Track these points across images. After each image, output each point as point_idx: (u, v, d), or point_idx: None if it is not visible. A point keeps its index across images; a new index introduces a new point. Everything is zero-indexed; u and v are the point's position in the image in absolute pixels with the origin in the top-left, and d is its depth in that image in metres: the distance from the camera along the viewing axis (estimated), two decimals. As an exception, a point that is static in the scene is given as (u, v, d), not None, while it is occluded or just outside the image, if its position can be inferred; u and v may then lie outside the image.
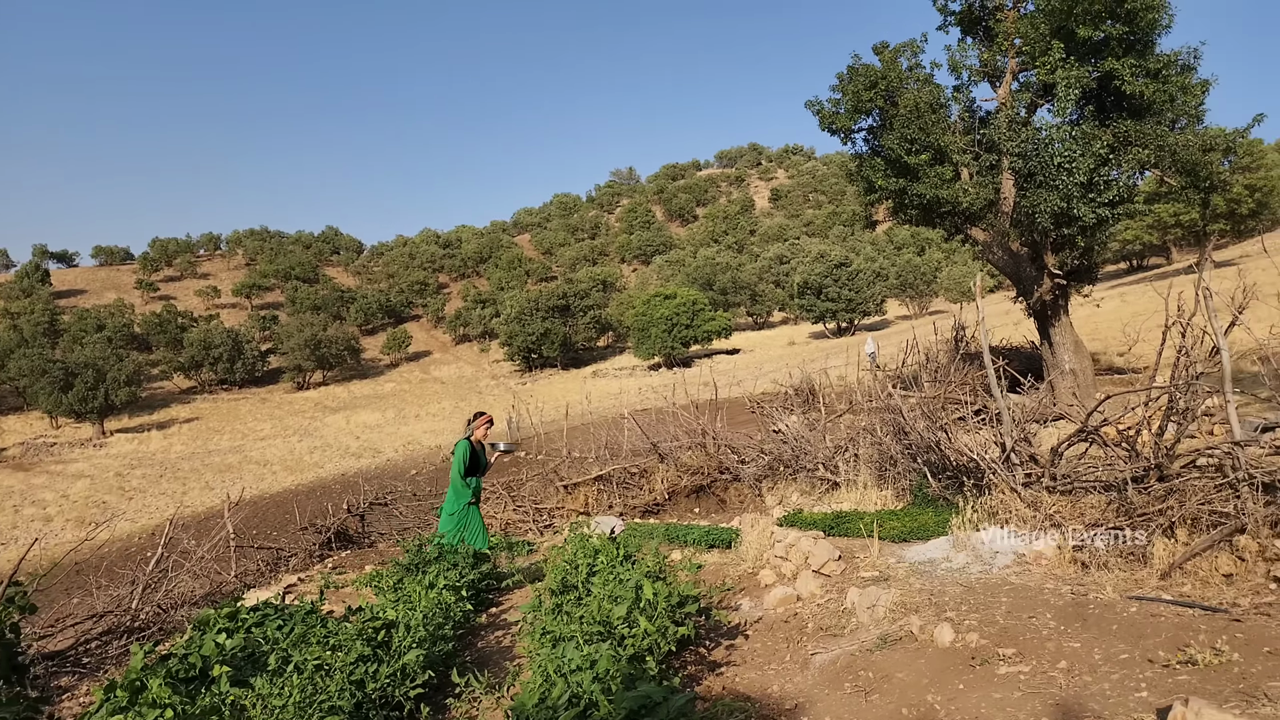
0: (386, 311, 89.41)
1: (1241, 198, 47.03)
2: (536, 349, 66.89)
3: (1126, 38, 13.74)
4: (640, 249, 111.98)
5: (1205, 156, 14.42)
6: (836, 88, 15.92)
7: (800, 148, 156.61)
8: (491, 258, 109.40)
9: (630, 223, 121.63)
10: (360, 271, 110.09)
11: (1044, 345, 16.58)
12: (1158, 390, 5.96)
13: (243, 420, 51.25)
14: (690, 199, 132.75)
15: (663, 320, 57.88)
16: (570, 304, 70.08)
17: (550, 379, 62.18)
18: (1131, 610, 4.58)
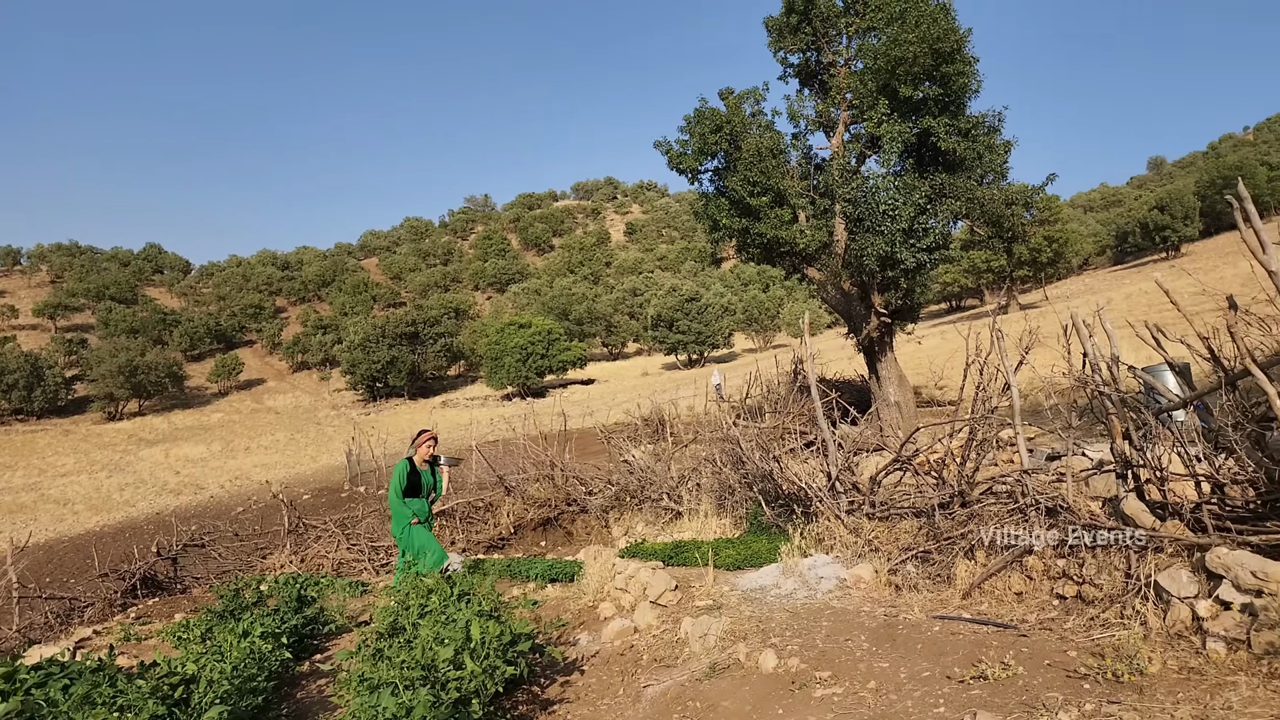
0: (216, 336, 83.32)
1: (1041, 247, 52.57)
2: (382, 378, 64.33)
3: (942, 99, 15.10)
4: (495, 277, 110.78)
5: (1008, 209, 16.01)
6: (684, 129, 16.50)
7: (654, 184, 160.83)
8: (335, 281, 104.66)
9: (485, 250, 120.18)
10: (187, 293, 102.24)
11: (872, 379, 17.70)
12: (960, 423, 6.47)
13: (40, 454, 45.98)
14: (547, 229, 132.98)
15: (517, 349, 57.32)
16: (420, 331, 68.03)
17: (396, 409, 59.89)
18: (935, 629, 4.90)
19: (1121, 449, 5.12)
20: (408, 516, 8.35)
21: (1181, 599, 4.29)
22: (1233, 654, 3.87)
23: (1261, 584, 3.96)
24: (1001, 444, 9.79)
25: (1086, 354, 5.31)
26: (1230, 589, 4.10)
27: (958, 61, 14.37)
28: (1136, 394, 5.13)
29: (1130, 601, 4.52)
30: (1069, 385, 5.66)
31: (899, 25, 14.35)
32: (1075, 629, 4.55)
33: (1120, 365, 5.19)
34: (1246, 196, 3.94)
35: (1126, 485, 5.13)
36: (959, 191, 15.10)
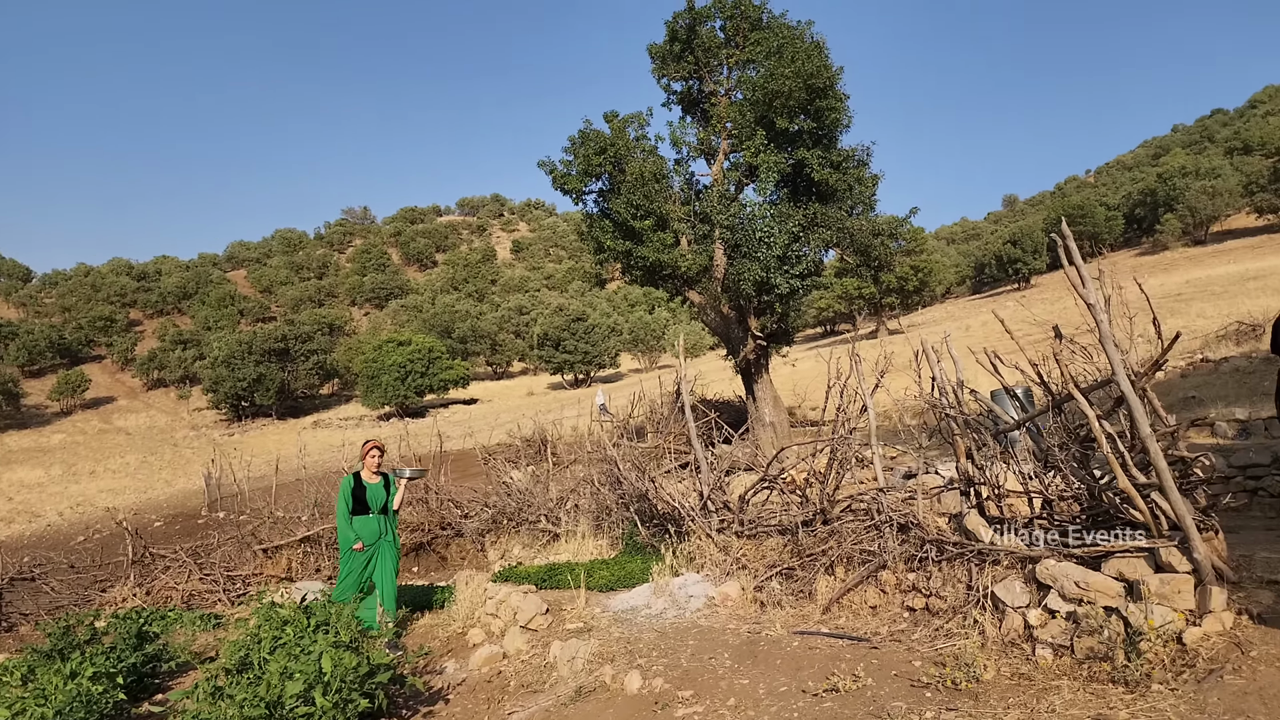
0: (59, 350, 76.62)
1: (908, 276, 55.72)
2: (248, 396, 60.85)
3: (815, 132, 15.80)
4: (374, 292, 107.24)
5: (875, 239, 16.89)
6: (569, 150, 16.56)
7: (541, 203, 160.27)
8: (198, 293, 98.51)
9: (364, 264, 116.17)
10: (26, 303, 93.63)
11: (749, 400, 18.19)
12: (822, 443, 6.73)
13: None
14: (430, 244, 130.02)
15: (396, 368, 55.55)
16: (291, 347, 64.86)
17: (263, 429, 56.77)
18: (795, 645, 5.05)
19: (965, 468, 5.46)
20: (350, 540, 7.45)
21: (1015, 608, 4.60)
22: (1058, 659, 4.17)
23: (1083, 593, 4.29)
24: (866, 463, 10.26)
25: (935, 378, 5.64)
26: (1057, 598, 4.42)
27: (830, 97, 15.09)
28: (979, 416, 5.50)
29: (970, 612, 4.79)
30: (920, 407, 5.99)
31: (776, 60, 14.95)
32: (922, 639, 4.79)
33: (964, 389, 5.54)
34: (1069, 235, 4.31)
35: (969, 502, 5.47)
36: (830, 221, 15.80)
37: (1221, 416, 10.76)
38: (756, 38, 16.14)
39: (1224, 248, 55.49)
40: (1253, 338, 18.45)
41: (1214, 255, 53.52)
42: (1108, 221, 69.68)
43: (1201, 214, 59.96)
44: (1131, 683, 3.65)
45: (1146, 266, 55.68)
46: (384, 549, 7.45)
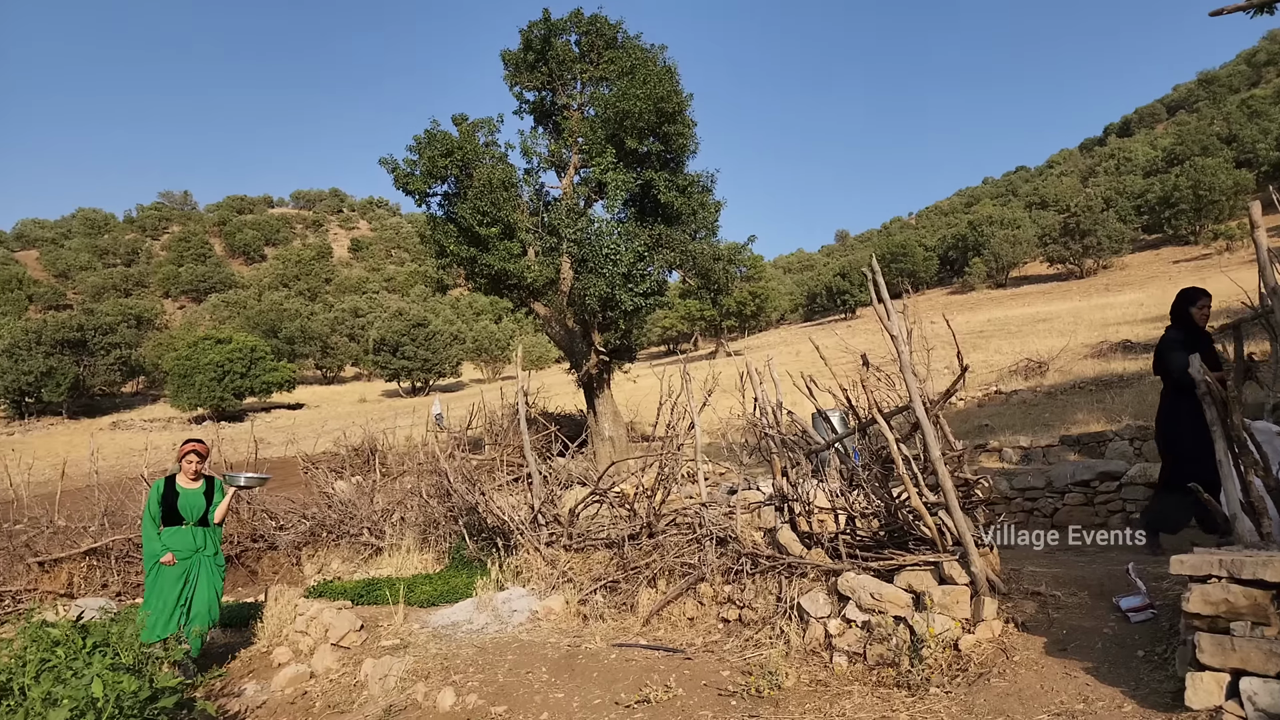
0: None
1: (747, 301, 58.22)
2: (34, 391, 54.33)
3: (664, 155, 16.25)
4: (192, 284, 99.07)
5: (716, 263, 17.54)
6: (414, 149, 16.09)
7: (385, 201, 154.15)
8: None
9: (181, 253, 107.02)
10: None
11: (589, 414, 18.31)
12: (651, 458, 6.88)
13: None
14: (259, 236, 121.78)
15: (212, 367, 51.44)
16: (90, 339, 58.58)
17: (50, 430, 50.88)
18: (612, 657, 5.10)
19: (780, 485, 5.75)
20: (157, 553, 6.32)
21: (818, 618, 4.87)
22: (852, 666, 4.45)
23: (877, 603, 4.61)
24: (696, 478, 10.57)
25: (757, 399, 5.91)
26: (854, 609, 4.73)
27: (679, 122, 15.57)
28: (795, 436, 5.82)
29: (778, 622, 5.03)
30: (743, 426, 6.25)
31: (628, 80, 15.25)
32: (733, 650, 4.97)
33: (783, 410, 5.84)
34: (878, 271, 4.66)
35: (783, 517, 5.76)
36: (675, 243, 16.27)
37: (1008, 444, 11.92)
38: (611, 56, 16.40)
39: (1021, 291, 61.87)
40: (1038, 373, 20.60)
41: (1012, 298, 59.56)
42: (925, 261, 75.88)
43: (1003, 260, 66.56)
44: (913, 686, 3.95)
45: (955, 304, 61.11)
46: (203, 567, 6.35)
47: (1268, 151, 59.58)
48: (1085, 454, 10.73)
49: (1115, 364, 18.80)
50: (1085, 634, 4.06)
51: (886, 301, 4.59)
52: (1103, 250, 58.08)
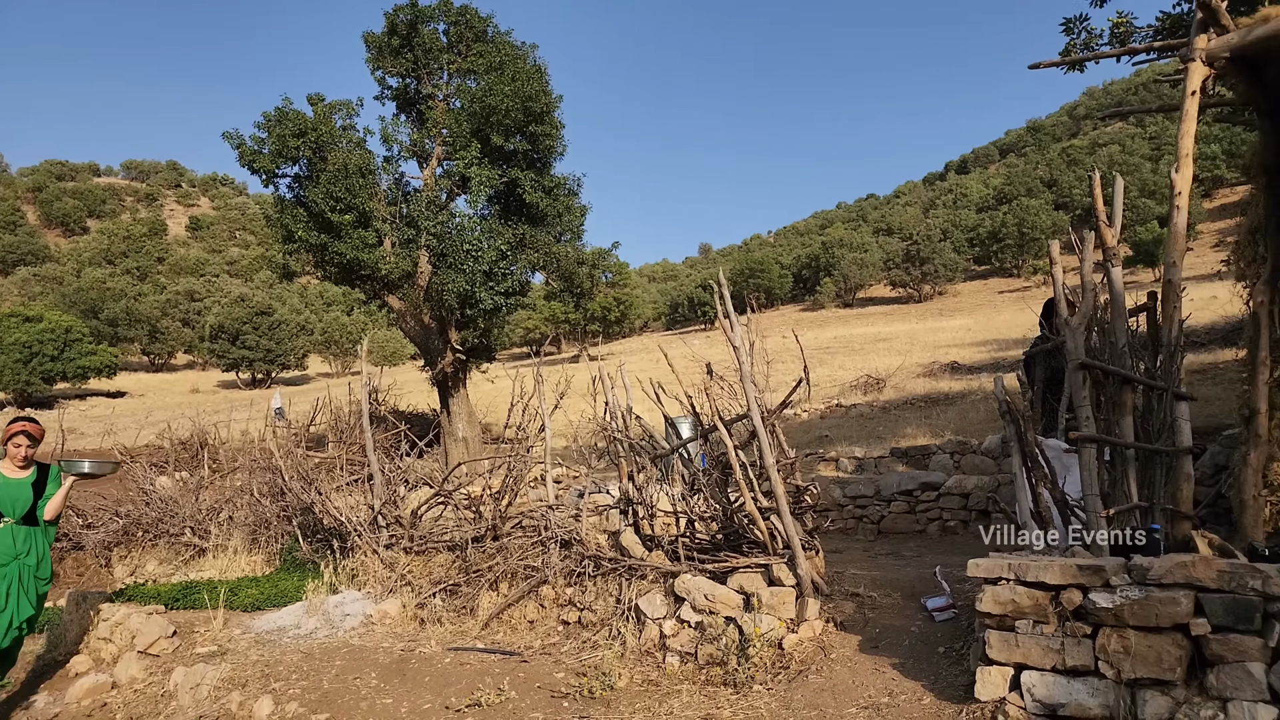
0: None
1: (611, 306, 58.69)
2: None
3: (530, 155, 16.10)
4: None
5: (580, 267, 17.57)
6: (262, 126, 15.17)
7: (231, 179, 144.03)
8: None
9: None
10: None
11: (443, 413, 17.85)
12: (499, 459, 6.80)
13: None
14: (81, 207, 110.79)
15: (19, 347, 46.25)
16: None
17: None
18: (447, 661, 4.99)
19: (626, 488, 5.83)
20: None
21: (654, 619, 4.98)
22: (684, 665, 4.57)
23: (710, 604, 4.76)
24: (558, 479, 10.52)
25: (608, 403, 5.98)
26: (689, 610, 4.86)
27: (547, 123, 15.49)
28: (642, 440, 5.92)
29: (616, 624, 5.10)
30: (594, 430, 6.30)
31: (497, 75, 15.04)
32: (570, 651, 4.99)
33: (632, 415, 5.93)
34: (725, 284, 4.84)
35: (627, 520, 5.84)
36: (539, 244, 16.16)
37: (844, 454, 12.62)
38: (479, 49, 16.12)
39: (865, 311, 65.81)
40: (876, 389, 21.94)
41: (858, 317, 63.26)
42: (780, 278, 79.26)
43: (851, 281, 70.57)
44: (739, 684, 4.11)
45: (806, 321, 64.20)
46: (18, 579, 5.16)
47: (1081, 197, 66.40)
48: (912, 465, 11.51)
49: (943, 383, 20.32)
50: (896, 632, 4.36)
51: (731, 314, 4.77)
52: (939, 277, 62.75)
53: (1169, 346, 4.17)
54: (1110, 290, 4.25)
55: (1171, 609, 3.14)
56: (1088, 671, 3.28)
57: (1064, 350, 4.09)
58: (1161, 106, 7.22)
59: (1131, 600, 3.20)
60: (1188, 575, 3.14)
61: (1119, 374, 4.05)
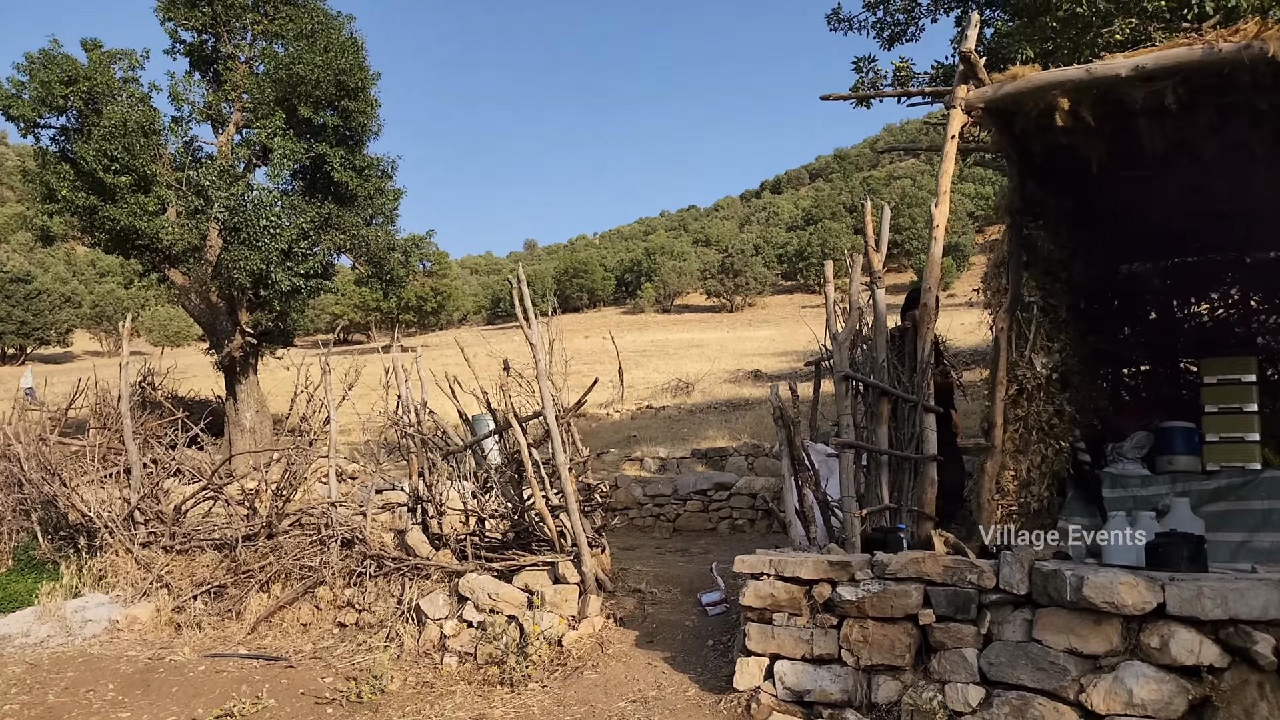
0: None
1: (428, 297, 56.81)
2: None
3: (342, 131, 15.21)
4: None
5: (390, 253, 16.84)
6: (24, 68, 13.32)
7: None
8: None
9: None
10: None
11: (229, 401, 16.47)
12: (278, 452, 6.36)
13: None
14: None
15: None
16: None
17: None
18: (202, 669, 4.60)
19: (415, 485, 5.65)
20: None
21: (435, 620, 4.85)
22: (462, 666, 4.49)
23: (494, 603, 4.71)
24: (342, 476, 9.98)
25: (401, 397, 5.76)
26: (472, 609, 4.78)
27: (362, 99, 14.73)
28: (435, 436, 5.75)
29: (396, 625, 4.92)
30: (386, 425, 6.06)
31: (308, 43, 14.12)
32: (344, 655, 4.76)
33: (427, 410, 5.75)
34: (525, 280, 4.81)
35: (415, 518, 5.66)
36: (347, 226, 15.31)
37: (649, 454, 12.96)
38: (289, 13, 15.04)
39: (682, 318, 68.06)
40: (685, 392, 22.74)
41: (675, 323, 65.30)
42: (603, 280, 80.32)
43: (670, 288, 72.78)
44: (515, 683, 4.09)
45: (627, 324, 65.43)
46: None
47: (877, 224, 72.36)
48: (710, 466, 12.01)
49: (745, 390, 21.41)
50: (671, 627, 4.52)
51: (529, 312, 4.75)
52: (750, 290, 66.22)
53: (920, 364, 4.61)
54: (874, 310, 4.64)
55: (904, 601, 3.46)
56: (832, 660, 3.56)
57: (832, 365, 4.42)
58: (931, 147, 8.01)
59: (872, 593, 3.51)
60: (919, 570, 3.48)
61: (877, 386, 4.43)
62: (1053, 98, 4.40)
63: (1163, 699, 2.91)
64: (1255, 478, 5.51)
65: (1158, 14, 6.35)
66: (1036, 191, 5.93)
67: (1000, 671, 3.24)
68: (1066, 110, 4.43)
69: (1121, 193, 5.99)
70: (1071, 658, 3.12)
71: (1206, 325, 7.99)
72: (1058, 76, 4.42)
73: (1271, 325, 7.85)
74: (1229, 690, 2.86)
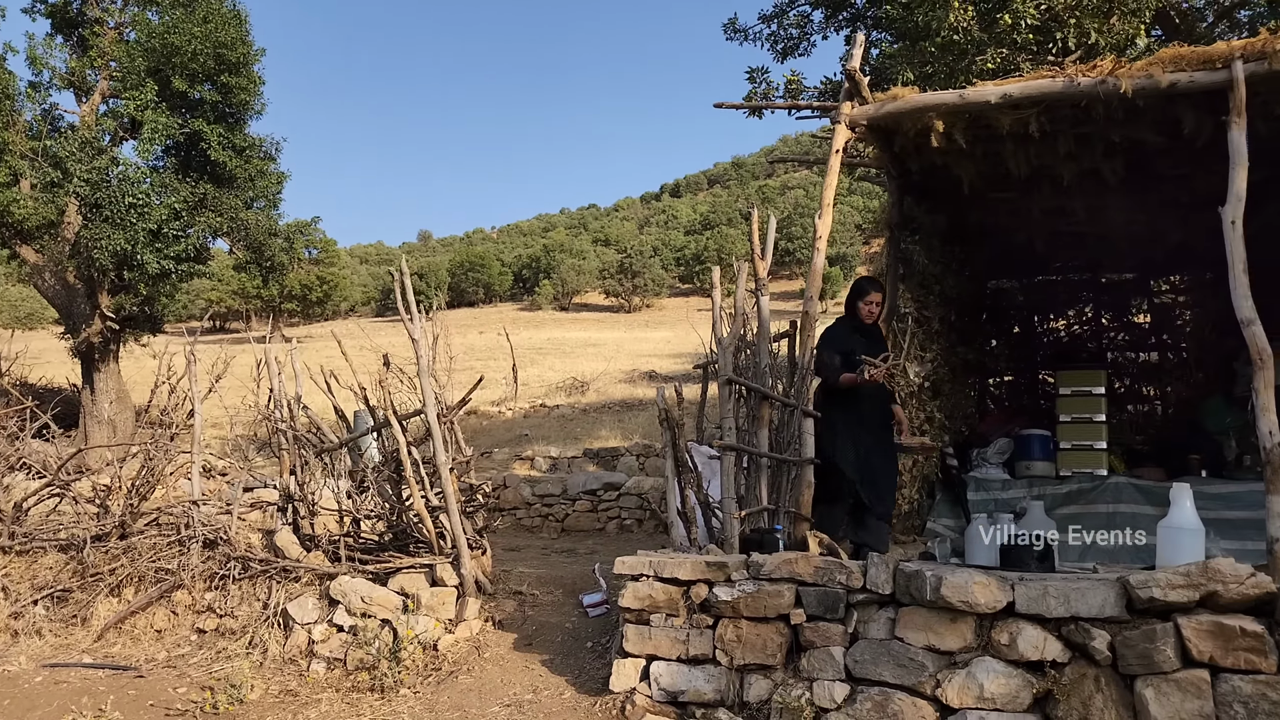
0: None
1: (313, 285, 54.53)
2: None
3: (221, 107, 14.40)
4: None
5: (271, 239, 16.05)
6: None
7: None
8: None
9: None
10: None
11: (86, 390, 15.30)
12: (137, 446, 5.95)
13: None
14: None
15: None
16: None
17: None
18: (38, 680, 4.24)
19: (286, 484, 5.39)
20: None
21: (304, 625, 4.64)
22: (330, 672, 4.31)
23: (367, 607, 4.54)
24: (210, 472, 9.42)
25: (273, 390, 5.48)
26: (344, 613, 4.60)
27: (243, 75, 13.98)
28: (309, 432, 5.50)
29: (261, 631, 4.68)
30: (256, 419, 5.75)
31: (185, 12, 13.29)
32: (201, 663, 4.49)
33: (301, 405, 5.50)
34: (407, 273, 4.66)
35: (285, 518, 5.40)
36: (224, 208, 14.50)
37: (540, 453, 12.86)
38: (165, -21, 14.13)
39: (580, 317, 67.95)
40: (580, 392, 22.70)
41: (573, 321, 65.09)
42: (500, 275, 79.23)
43: (569, 286, 72.53)
44: (386, 689, 3.96)
45: (524, 321, 64.78)
46: None
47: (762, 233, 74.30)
48: (602, 466, 12.02)
49: (640, 390, 21.57)
50: (551, 629, 4.48)
51: (411, 305, 4.61)
52: (647, 291, 66.77)
53: (801, 370, 4.75)
54: (758, 316, 4.75)
55: (777, 601, 3.55)
56: (707, 660, 3.60)
57: (715, 367, 4.48)
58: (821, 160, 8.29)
59: (747, 594, 3.57)
60: (792, 570, 3.57)
61: (759, 391, 4.53)
62: (929, 119, 4.61)
63: (1010, 693, 3.09)
64: (1102, 483, 5.94)
65: (1026, 46, 6.78)
66: (914, 208, 6.21)
67: (864, 669, 3.36)
68: (941, 132, 4.66)
69: (990, 213, 6.36)
70: (930, 654, 3.27)
71: (1063, 340, 8.59)
72: (934, 99, 4.63)
73: (1120, 341, 8.52)
74: (1069, 684, 3.06)
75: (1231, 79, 3.97)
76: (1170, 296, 8.41)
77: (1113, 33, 6.65)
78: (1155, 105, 4.37)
